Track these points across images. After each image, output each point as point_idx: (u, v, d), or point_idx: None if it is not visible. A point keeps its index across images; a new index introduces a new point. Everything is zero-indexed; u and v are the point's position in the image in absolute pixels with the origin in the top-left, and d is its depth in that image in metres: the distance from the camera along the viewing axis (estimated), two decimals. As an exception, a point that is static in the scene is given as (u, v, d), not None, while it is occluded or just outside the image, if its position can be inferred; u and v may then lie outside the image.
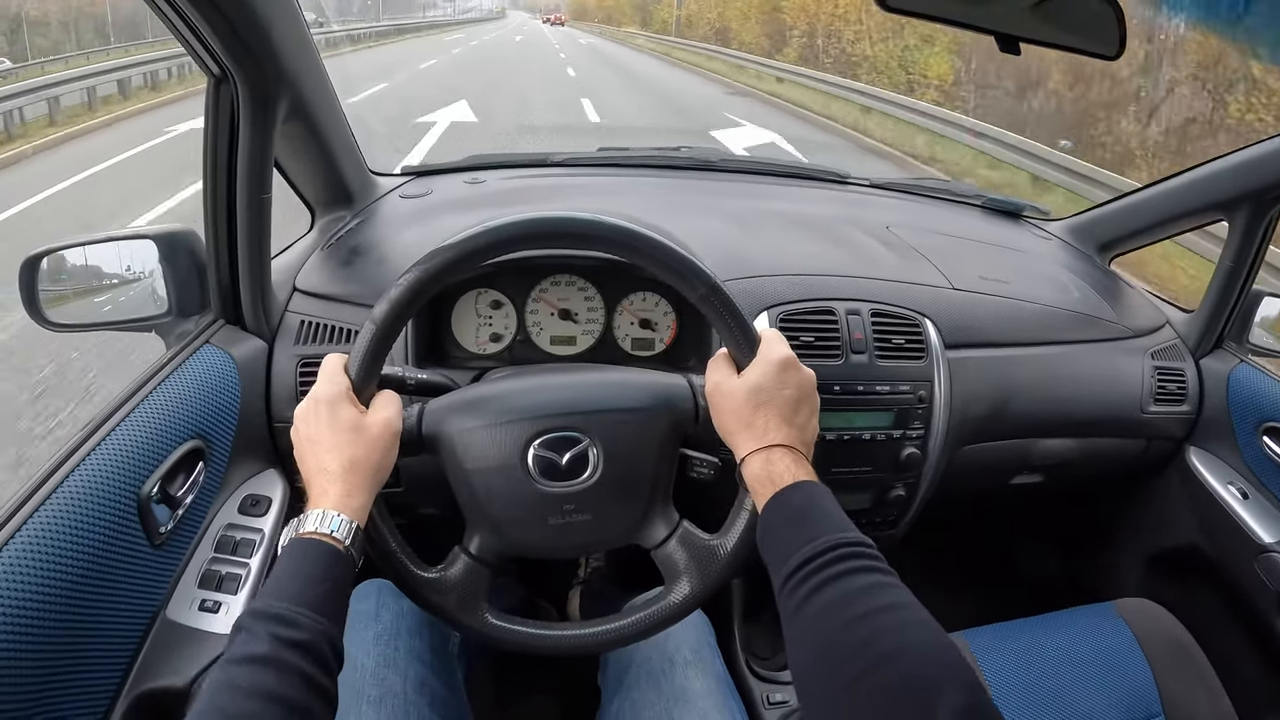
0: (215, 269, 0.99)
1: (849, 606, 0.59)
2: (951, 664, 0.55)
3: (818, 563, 0.61)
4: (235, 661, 0.56)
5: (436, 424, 0.77)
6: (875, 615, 0.58)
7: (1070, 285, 1.34)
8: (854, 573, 0.61)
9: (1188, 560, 1.35)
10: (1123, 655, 1.03)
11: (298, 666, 0.56)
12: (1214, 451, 1.31)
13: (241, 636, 0.58)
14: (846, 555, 0.62)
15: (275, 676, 0.55)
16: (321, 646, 0.59)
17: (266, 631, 0.57)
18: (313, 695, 0.56)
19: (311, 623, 0.59)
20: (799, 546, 0.63)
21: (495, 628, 0.77)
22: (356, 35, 23.68)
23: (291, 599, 0.60)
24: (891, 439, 1.11)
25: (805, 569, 0.62)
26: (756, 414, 0.72)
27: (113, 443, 0.79)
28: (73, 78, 10.03)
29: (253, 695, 0.54)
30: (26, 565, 0.66)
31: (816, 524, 0.65)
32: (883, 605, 0.59)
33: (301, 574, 0.62)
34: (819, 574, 0.61)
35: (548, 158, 1.55)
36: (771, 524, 0.69)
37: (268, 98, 0.91)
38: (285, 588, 0.61)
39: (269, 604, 0.59)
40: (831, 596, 0.60)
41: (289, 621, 0.58)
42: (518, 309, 1.15)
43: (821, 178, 1.63)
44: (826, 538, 0.63)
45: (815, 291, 1.12)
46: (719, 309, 0.75)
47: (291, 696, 0.55)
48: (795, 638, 0.61)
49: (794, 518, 0.67)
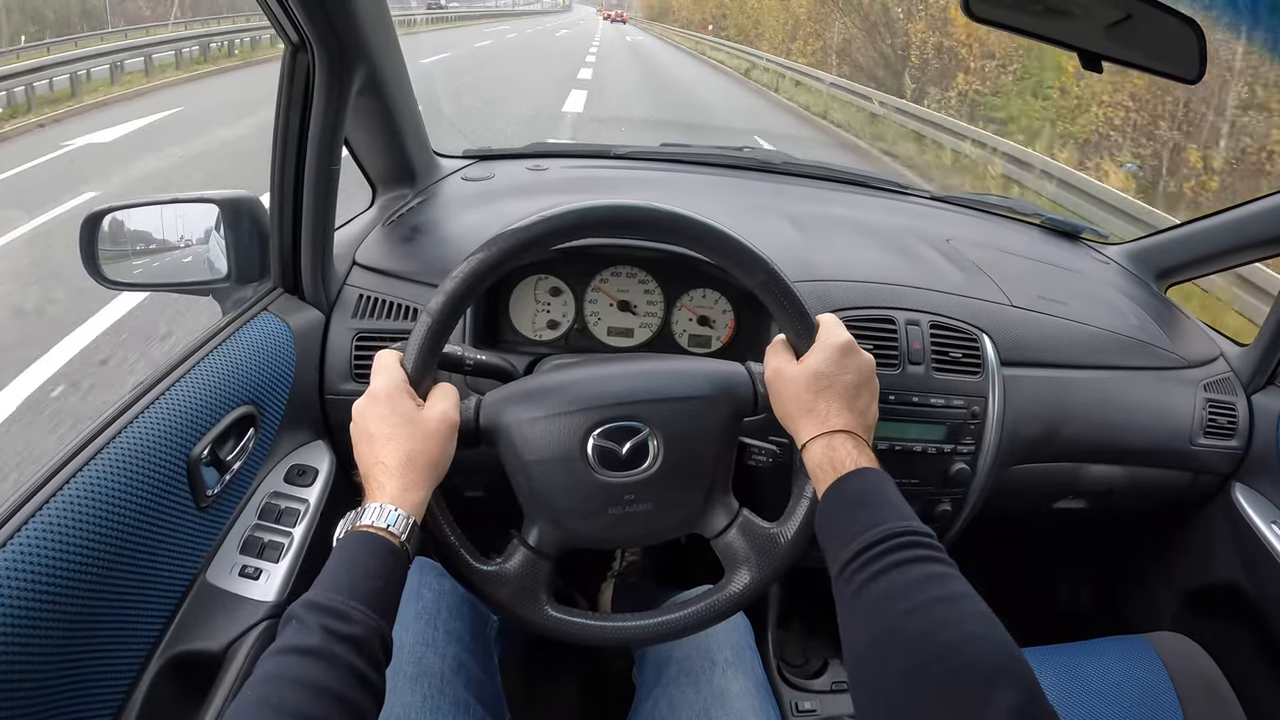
0: (278, 238, 0.99)
1: (909, 595, 0.58)
2: (1010, 660, 0.54)
3: (879, 549, 0.61)
4: (285, 651, 0.56)
5: (494, 415, 0.76)
6: (935, 605, 0.57)
7: (1127, 310, 1.32)
8: (915, 561, 0.60)
9: (1227, 598, 1.32)
10: (1154, 691, 1.02)
11: (348, 661, 0.56)
12: (1260, 490, 1.28)
13: (293, 626, 0.57)
14: (908, 544, 0.61)
15: (325, 669, 0.55)
16: (372, 642, 0.58)
17: (318, 624, 0.57)
18: (361, 690, 0.56)
19: (364, 617, 0.58)
20: (860, 532, 0.63)
21: (555, 620, 0.77)
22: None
23: (345, 592, 0.59)
24: (942, 453, 1.10)
25: (866, 554, 0.61)
26: (818, 399, 0.72)
27: (166, 403, 0.80)
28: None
29: (301, 687, 0.54)
30: (74, 517, 0.67)
31: (879, 510, 0.65)
32: (943, 596, 0.58)
33: (356, 567, 0.62)
34: (880, 560, 0.60)
35: (610, 149, 1.55)
36: (832, 509, 0.68)
37: (344, 69, 0.91)
38: (339, 580, 0.61)
39: (322, 595, 0.59)
40: (892, 584, 0.59)
41: (341, 615, 0.58)
42: (577, 297, 1.15)
43: (882, 186, 1.62)
44: (888, 525, 0.62)
45: (876, 299, 1.11)
46: (777, 295, 0.74)
47: (340, 690, 0.55)
48: (852, 623, 0.61)
49: (856, 503, 0.67)
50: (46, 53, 11.10)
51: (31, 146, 7.73)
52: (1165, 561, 1.46)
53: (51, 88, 9.60)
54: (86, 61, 10.38)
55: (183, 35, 14.16)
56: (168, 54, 12.62)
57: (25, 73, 9.18)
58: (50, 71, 9.64)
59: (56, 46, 11.96)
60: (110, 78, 10.73)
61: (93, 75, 10.41)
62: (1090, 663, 1.06)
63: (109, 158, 7.29)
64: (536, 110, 10.43)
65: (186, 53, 13.26)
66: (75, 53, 10.76)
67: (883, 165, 8.88)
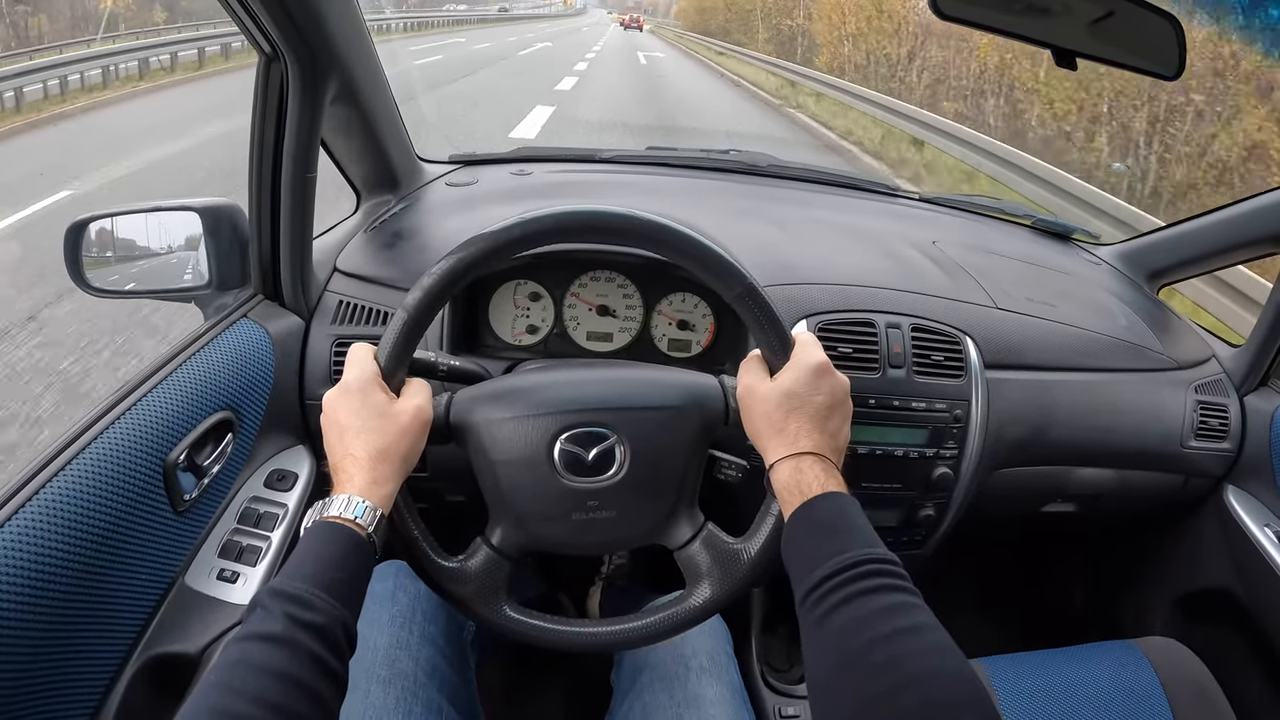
0: (257, 245, 1.00)
1: (872, 625, 0.58)
2: (971, 693, 0.54)
3: (843, 577, 0.60)
4: (249, 638, 0.56)
5: (464, 413, 0.77)
6: (898, 637, 0.57)
7: (1117, 312, 1.31)
8: (879, 591, 0.60)
9: (1218, 602, 1.31)
10: (1144, 696, 1.01)
11: (310, 648, 0.56)
12: (1253, 492, 1.27)
13: (257, 614, 0.58)
14: (872, 572, 0.60)
15: (287, 656, 0.55)
16: (335, 631, 0.59)
17: (282, 611, 0.57)
18: (322, 678, 0.56)
19: (327, 606, 0.59)
20: (824, 559, 0.62)
21: (512, 620, 0.77)
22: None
23: (309, 581, 0.60)
24: (924, 457, 1.09)
25: (829, 583, 0.61)
26: (788, 419, 0.71)
27: (143, 408, 0.80)
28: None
29: (263, 673, 0.54)
30: (48, 521, 0.67)
31: (843, 537, 0.64)
32: (906, 627, 0.57)
33: (321, 557, 0.62)
34: (843, 589, 0.60)
35: (596, 153, 1.55)
36: (797, 534, 0.67)
37: (316, 78, 0.91)
38: (304, 569, 0.61)
39: (287, 583, 0.59)
40: (855, 613, 0.59)
41: (305, 603, 0.58)
42: (556, 302, 1.15)
43: (870, 189, 1.61)
44: (853, 552, 0.62)
45: (856, 302, 1.10)
46: (754, 310, 0.74)
47: (301, 677, 0.55)
48: (814, 652, 0.60)
49: (820, 529, 0.66)
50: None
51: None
52: (1157, 565, 1.45)
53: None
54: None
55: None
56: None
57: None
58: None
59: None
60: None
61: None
62: (1080, 668, 1.05)
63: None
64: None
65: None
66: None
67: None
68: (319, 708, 0.56)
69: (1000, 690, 1.00)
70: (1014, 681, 1.01)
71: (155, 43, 12.25)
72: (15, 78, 9.11)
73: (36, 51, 12.21)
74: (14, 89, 8.97)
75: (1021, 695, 1.00)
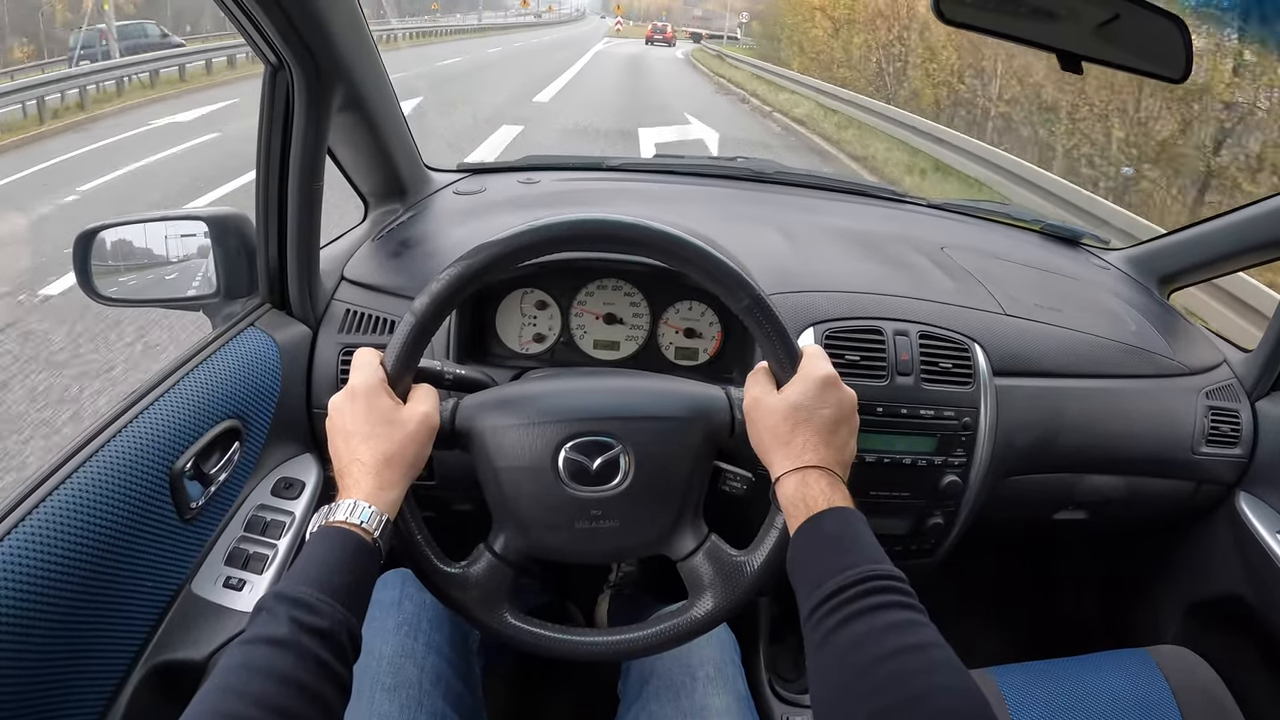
0: (264, 254, 1.00)
1: (877, 643, 0.57)
2: (976, 710, 0.54)
3: (848, 594, 0.60)
4: (253, 641, 0.56)
5: (469, 419, 0.76)
6: (903, 654, 0.56)
7: (1126, 317, 1.30)
8: (885, 608, 0.59)
9: (1231, 610, 1.29)
10: (1156, 706, 0.99)
11: (314, 653, 0.56)
12: (1265, 499, 1.25)
13: (262, 617, 0.58)
14: (878, 589, 0.60)
15: (292, 660, 0.55)
16: (340, 635, 0.59)
17: (287, 615, 0.57)
18: (326, 682, 0.56)
19: (332, 610, 0.59)
20: (830, 575, 0.62)
21: (513, 628, 0.77)
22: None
23: (314, 585, 0.60)
24: (932, 465, 1.09)
25: (835, 599, 0.60)
26: (794, 432, 0.71)
27: (150, 417, 0.81)
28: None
29: (268, 676, 0.54)
30: (55, 528, 0.68)
31: (849, 553, 0.64)
32: (911, 644, 0.57)
33: (327, 562, 0.62)
34: (849, 606, 0.60)
35: (603, 161, 1.55)
36: (802, 549, 0.67)
37: (322, 88, 0.92)
38: (309, 573, 0.61)
39: (292, 588, 0.60)
40: (860, 630, 0.58)
41: (310, 607, 0.58)
42: (563, 310, 1.15)
43: (878, 195, 1.61)
44: (858, 569, 0.61)
45: (863, 310, 1.10)
46: (761, 322, 0.73)
47: (305, 681, 0.55)
48: (819, 669, 0.60)
49: (826, 545, 0.66)
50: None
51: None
52: (1169, 573, 1.44)
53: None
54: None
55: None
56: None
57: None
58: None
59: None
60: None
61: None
62: (1091, 677, 1.04)
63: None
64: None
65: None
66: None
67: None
68: (323, 711, 0.56)
69: (1011, 701, 0.99)
70: (1025, 691, 1.00)
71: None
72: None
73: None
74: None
75: (1033, 706, 0.98)
